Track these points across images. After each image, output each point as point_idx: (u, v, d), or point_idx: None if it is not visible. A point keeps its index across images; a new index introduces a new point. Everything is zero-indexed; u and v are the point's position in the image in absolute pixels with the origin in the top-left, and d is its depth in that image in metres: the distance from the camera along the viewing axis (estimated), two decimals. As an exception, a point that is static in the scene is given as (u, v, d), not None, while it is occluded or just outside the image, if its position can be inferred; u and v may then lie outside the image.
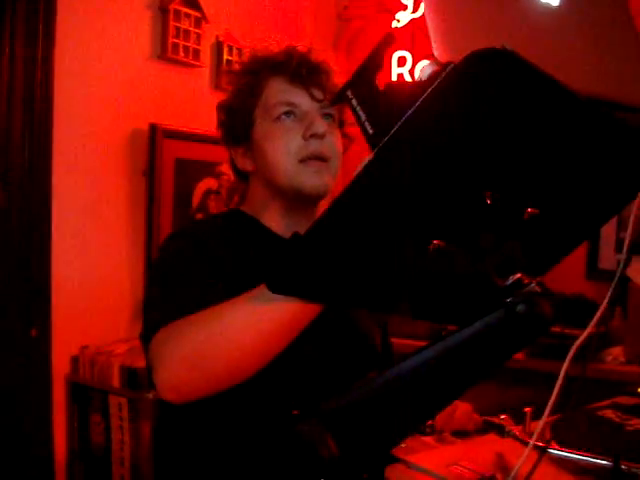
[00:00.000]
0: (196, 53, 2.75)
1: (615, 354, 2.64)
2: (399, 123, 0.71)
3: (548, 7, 0.79)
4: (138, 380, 2.18)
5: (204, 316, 0.96)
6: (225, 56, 2.89)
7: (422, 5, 3.23)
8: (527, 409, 1.30)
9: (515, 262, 0.76)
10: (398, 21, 3.33)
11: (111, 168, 2.55)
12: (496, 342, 0.76)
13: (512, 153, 0.75)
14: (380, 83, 0.87)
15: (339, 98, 0.93)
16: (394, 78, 3.31)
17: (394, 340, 1.51)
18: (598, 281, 2.93)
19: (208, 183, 2.85)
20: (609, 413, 1.42)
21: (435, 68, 0.78)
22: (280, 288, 0.83)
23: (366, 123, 0.84)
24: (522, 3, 0.82)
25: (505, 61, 0.67)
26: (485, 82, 0.69)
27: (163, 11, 2.63)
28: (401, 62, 3.31)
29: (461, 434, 1.46)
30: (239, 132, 1.34)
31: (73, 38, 2.38)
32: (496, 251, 0.76)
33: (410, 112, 0.71)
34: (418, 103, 0.70)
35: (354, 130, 1.43)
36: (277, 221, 1.33)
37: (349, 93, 0.90)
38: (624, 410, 1.45)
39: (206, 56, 2.84)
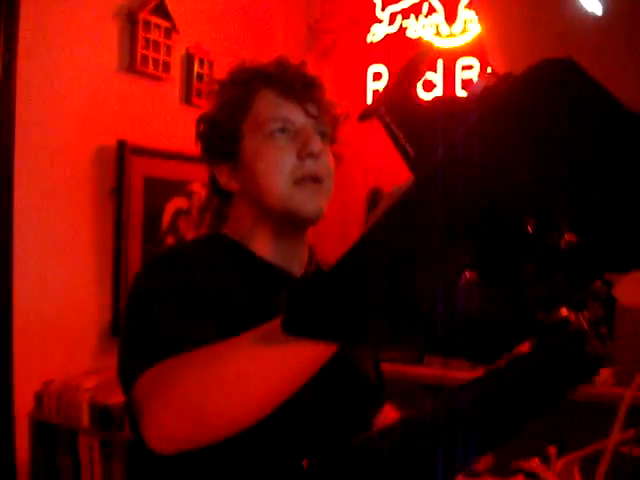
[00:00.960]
0: (166, 65, 2.62)
1: (604, 377, 2.57)
2: (454, 141, 0.63)
3: (593, 16, 0.71)
4: (110, 418, 2.02)
5: (200, 357, 0.86)
6: (196, 69, 2.76)
7: (398, 18, 3.16)
8: (551, 449, 1.20)
9: (559, 294, 0.68)
10: (373, 35, 3.24)
11: (77, 187, 2.39)
12: (541, 384, 0.71)
13: (561, 174, 0.67)
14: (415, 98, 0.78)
15: (369, 114, 0.84)
16: (369, 94, 3.22)
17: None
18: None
19: (178, 203, 2.70)
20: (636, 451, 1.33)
21: (491, 81, 0.70)
22: (300, 329, 0.73)
23: (405, 143, 0.75)
24: (568, 13, 0.74)
25: (572, 73, 0.61)
26: (552, 95, 0.62)
27: (132, 21, 2.49)
28: (376, 77, 3.22)
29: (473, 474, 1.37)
30: (224, 147, 1.21)
31: (36, 49, 2.23)
32: (537, 283, 0.68)
33: (467, 128, 0.62)
34: (476, 118, 0.62)
35: (343, 149, 1.34)
36: (266, 246, 1.21)
37: (382, 108, 0.80)
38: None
39: (176, 69, 2.71)
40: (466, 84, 3.06)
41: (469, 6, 3.06)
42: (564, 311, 0.69)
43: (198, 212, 2.78)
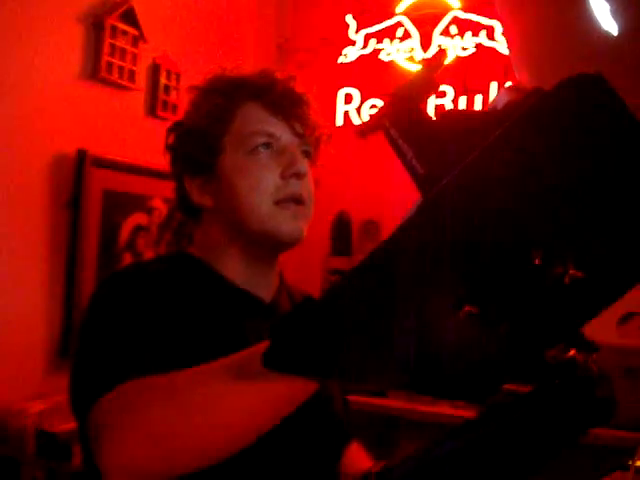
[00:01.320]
0: (131, 74, 2.50)
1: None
2: (470, 159, 0.59)
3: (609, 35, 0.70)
4: (58, 447, 1.86)
5: (169, 383, 0.79)
6: (162, 80, 2.65)
7: (371, 41, 3.10)
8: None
9: (564, 333, 0.65)
10: (345, 56, 3.17)
11: (31, 196, 2.24)
12: (547, 431, 0.66)
13: (577, 200, 0.63)
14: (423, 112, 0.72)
15: (372, 129, 0.76)
16: (339, 116, 3.15)
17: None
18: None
19: (138, 218, 2.58)
20: None
21: (514, 95, 0.66)
22: (284, 366, 0.68)
23: (414, 161, 0.69)
24: (587, 31, 0.72)
25: (602, 90, 0.58)
26: (582, 111, 0.59)
27: (98, 26, 2.37)
28: (347, 99, 3.15)
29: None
30: (201, 159, 1.13)
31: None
32: (541, 319, 0.64)
33: (488, 145, 0.58)
34: (498, 134, 0.57)
35: (319, 171, 1.25)
36: (236, 269, 1.13)
37: (387, 123, 0.72)
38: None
39: (142, 79, 2.59)
40: (440, 110, 3.00)
41: (444, 33, 3.01)
42: (572, 353, 0.65)
43: (158, 229, 2.66)
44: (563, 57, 0.70)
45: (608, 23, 0.70)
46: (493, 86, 2.87)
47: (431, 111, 2.97)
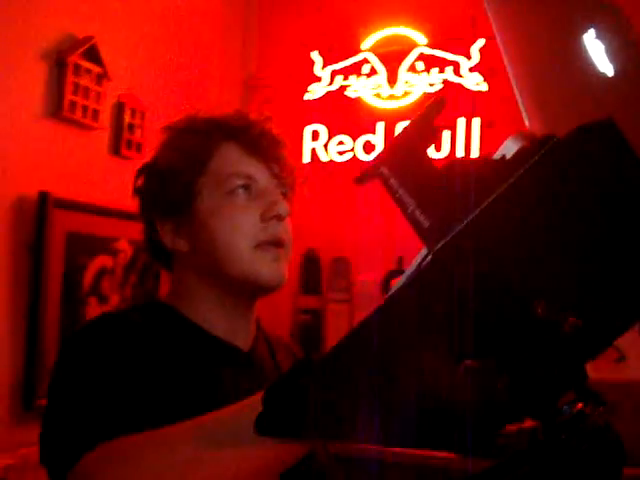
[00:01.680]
0: (95, 114, 2.43)
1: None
2: (480, 210, 0.57)
3: (605, 77, 0.70)
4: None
5: (154, 442, 0.75)
6: (127, 119, 2.58)
7: (337, 77, 3.08)
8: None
9: (564, 382, 0.64)
10: (311, 93, 3.15)
11: (-10, 241, 2.15)
12: None
13: (578, 249, 0.62)
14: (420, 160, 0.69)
15: (370, 176, 0.73)
16: (306, 153, 3.11)
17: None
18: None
19: (103, 261, 2.49)
20: None
21: (524, 143, 0.63)
22: (278, 431, 0.66)
23: (417, 212, 0.66)
24: (585, 73, 0.71)
25: (614, 137, 0.58)
26: (592, 161, 0.58)
27: (60, 64, 2.30)
28: (314, 136, 3.12)
29: None
30: (175, 203, 1.08)
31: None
32: (546, 372, 0.63)
33: (499, 195, 0.57)
34: (511, 183, 0.56)
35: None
36: (213, 317, 1.09)
37: (384, 170, 0.69)
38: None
39: (105, 117, 2.52)
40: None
41: (411, 69, 3.01)
42: (580, 406, 0.63)
43: (123, 271, 2.58)
44: (568, 100, 0.68)
45: (604, 64, 0.68)
46: (461, 122, 2.87)
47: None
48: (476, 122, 2.83)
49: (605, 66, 0.73)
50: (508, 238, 0.59)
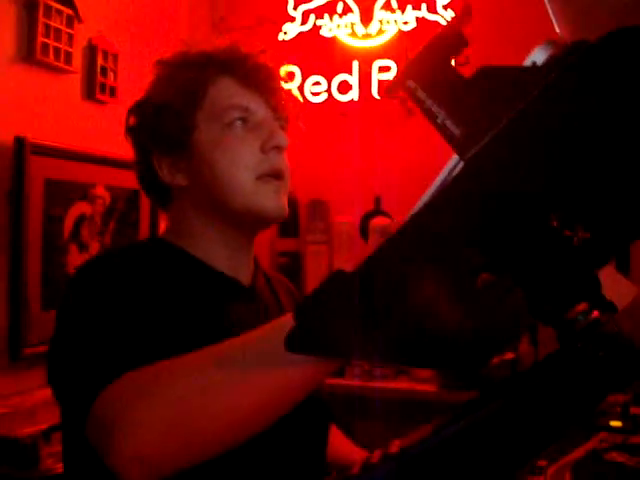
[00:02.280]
0: (68, 56, 2.37)
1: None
2: (513, 115, 0.57)
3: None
4: (21, 452, 1.74)
5: (179, 367, 0.75)
6: (99, 62, 2.52)
7: (311, 17, 3.03)
8: (542, 462, 1.12)
9: (577, 293, 0.65)
10: (285, 33, 3.10)
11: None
12: (580, 393, 0.65)
13: (596, 161, 0.62)
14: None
15: (395, 88, 0.73)
16: (281, 94, 3.07)
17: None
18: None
19: (81, 208, 2.46)
20: (618, 457, 1.28)
21: (553, 51, 0.63)
22: (310, 347, 0.66)
23: (447, 122, 0.65)
24: None
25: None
26: (623, 67, 0.57)
27: (31, 5, 2.23)
28: (289, 77, 3.08)
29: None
30: (173, 137, 1.07)
31: None
32: (554, 280, 0.65)
33: (531, 99, 0.56)
34: (542, 88, 0.56)
35: (303, 143, 1.22)
36: (214, 253, 1.09)
37: (411, 83, 0.69)
38: (629, 451, 1.33)
39: (78, 61, 2.46)
40: (383, 86, 2.97)
41: (385, 7, 2.97)
42: (596, 314, 0.64)
43: (101, 219, 2.54)
44: (605, 10, 0.67)
45: None
46: (436, 60, 2.85)
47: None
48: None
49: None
50: (535, 146, 0.59)
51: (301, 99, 3.07)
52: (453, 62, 0.69)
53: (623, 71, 0.58)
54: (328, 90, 3.05)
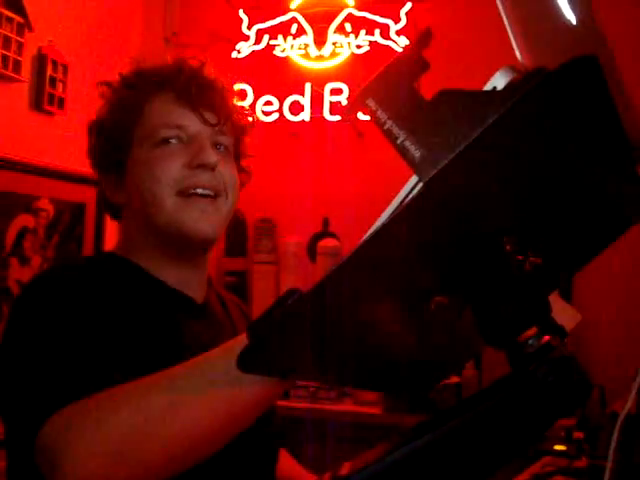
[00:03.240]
0: (17, 65, 2.32)
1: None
2: (472, 138, 0.57)
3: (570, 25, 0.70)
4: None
5: (128, 393, 0.74)
6: (48, 72, 2.47)
7: (265, 37, 3.04)
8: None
9: (534, 319, 0.66)
10: (238, 52, 3.10)
11: None
12: (530, 418, 0.66)
13: (549, 185, 0.64)
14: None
15: (355, 108, 0.73)
16: (232, 112, 3.06)
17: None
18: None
19: (24, 220, 2.40)
20: None
21: (513, 76, 0.64)
22: (262, 367, 0.65)
23: (407, 142, 0.64)
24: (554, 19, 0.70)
25: (597, 73, 0.58)
26: (579, 93, 0.59)
27: (-20, 12, 2.18)
28: (241, 96, 3.07)
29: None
30: (112, 157, 1.09)
31: None
32: (510, 306, 0.66)
33: (490, 123, 0.56)
34: (501, 113, 0.56)
35: (252, 162, 1.20)
36: (163, 269, 1.08)
37: (371, 102, 0.69)
38: (573, 475, 1.37)
39: (27, 70, 2.41)
40: (335, 108, 2.99)
41: (339, 30, 3.00)
42: (547, 338, 0.65)
43: (45, 232, 2.49)
44: (555, 35, 0.69)
45: (568, 12, 0.69)
46: (388, 84, 2.88)
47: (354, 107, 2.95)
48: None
49: (569, 15, 0.74)
50: (493, 169, 0.60)
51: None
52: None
53: (580, 98, 0.59)
54: (280, 110, 3.05)
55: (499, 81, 0.66)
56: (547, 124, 0.59)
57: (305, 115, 3.03)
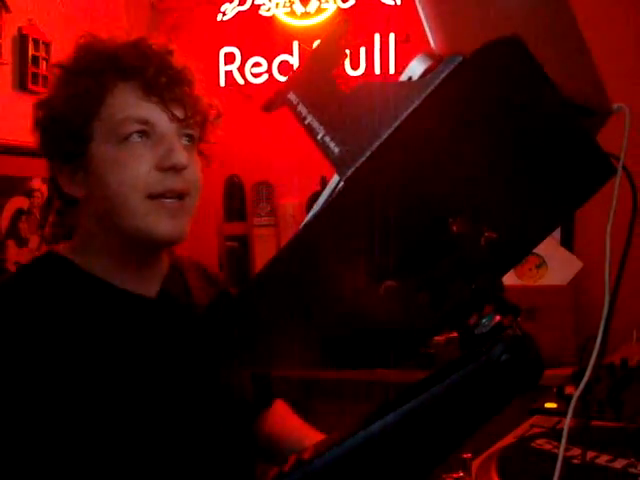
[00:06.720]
0: (-3, 47, 2.31)
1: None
2: (389, 132, 0.57)
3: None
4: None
5: None
6: (30, 52, 2.46)
7: (250, -3, 2.98)
8: (466, 455, 1.13)
9: (491, 296, 0.67)
10: (224, 14, 3.05)
11: None
12: (485, 396, 0.67)
13: (489, 165, 0.64)
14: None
15: (277, 103, 0.72)
16: (222, 77, 3.03)
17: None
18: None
19: (18, 202, 2.41)
20: (546, 444, 1.26)
21: (430, 64, 0.63)
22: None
23: (326, 138, 0.64)
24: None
25: (520, 53, 0.57)
26: (500, 78, 0.59)
27: (-47, -4, 2.16)
28: (229, 59, 3.03)
29: None
30: (67, 147, 1.01)
31: None
32: (466, 284, 0.66)
33: (407, 115, 0.56)
34: (417, 104, 0.56)
35: (212, 148, 1.16)
36: (113, 267, 1.06)
37: (292, 97, 0.68)
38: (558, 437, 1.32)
39: (7, 52, 2.40)
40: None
41: (324, -15, 2.94)
42: (498, 318, 0.65)
43: (40, 212, 2.50)
44: (472, 18, 0.67)
45: None
46: (376, 38, 2.83)
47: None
48: (392, 38, 2.80)
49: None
50: (418, 160, 0.60)
51: (242, 81, 3.02)
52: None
53: (498, 82, 0.59)
54: (269, 71, 3.01)
55: (415, 69, 0.64)
56: (466, 109, 0.59)
57: (295, 74, 2.98)
